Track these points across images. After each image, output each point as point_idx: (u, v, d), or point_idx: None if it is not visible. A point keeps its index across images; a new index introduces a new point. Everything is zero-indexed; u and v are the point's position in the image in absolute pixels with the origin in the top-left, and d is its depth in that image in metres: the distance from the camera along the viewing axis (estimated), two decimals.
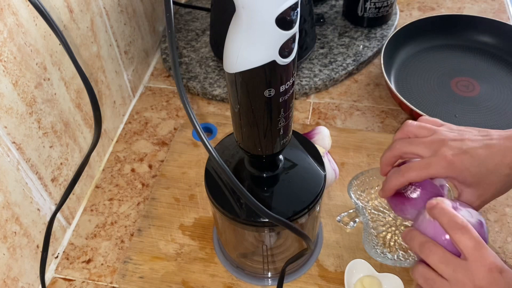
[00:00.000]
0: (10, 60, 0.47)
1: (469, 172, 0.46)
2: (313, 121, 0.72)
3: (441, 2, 0.90)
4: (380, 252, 0.55)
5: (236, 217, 0.44)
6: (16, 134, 0.49)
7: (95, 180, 0.67)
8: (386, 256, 0.54)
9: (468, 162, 0.45)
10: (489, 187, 0.46)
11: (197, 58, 0.80)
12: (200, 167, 0.67)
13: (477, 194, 0.47)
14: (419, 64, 0.78)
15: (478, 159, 0.45)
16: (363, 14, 0.81)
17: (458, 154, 0.46)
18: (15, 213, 0.51)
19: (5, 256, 0.50)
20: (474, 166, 0.45)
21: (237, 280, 0.56)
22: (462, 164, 0.46)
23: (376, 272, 0.53)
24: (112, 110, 0.70)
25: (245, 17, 0.32)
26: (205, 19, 0.88)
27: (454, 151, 0.46)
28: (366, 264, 0.54)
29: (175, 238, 0.60)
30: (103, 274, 0.58)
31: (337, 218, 0.58)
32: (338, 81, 0.77)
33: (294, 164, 0.47)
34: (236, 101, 0.38)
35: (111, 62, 0.69)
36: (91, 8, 0.62)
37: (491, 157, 0.45)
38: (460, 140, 0.47)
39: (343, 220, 0.58)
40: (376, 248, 0.55)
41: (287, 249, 0.53)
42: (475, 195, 0.47)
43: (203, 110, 0.75)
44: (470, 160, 0.45)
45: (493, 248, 0.57)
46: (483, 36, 0.79)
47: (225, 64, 0.35)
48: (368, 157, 0.66)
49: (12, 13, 0.47)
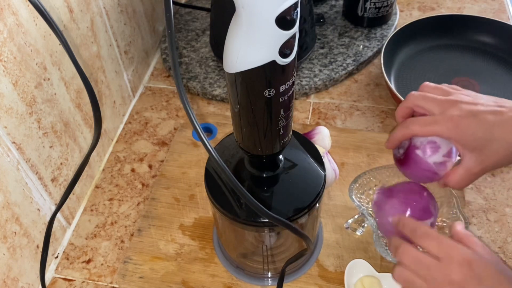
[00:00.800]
0: (10, 60, 0.47)
1: (474, 136, 0.45)
2: (313, 121, 0.72)
3: (441, 2, 0.90)
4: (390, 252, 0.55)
5: (236, 217, 0.44)
6: (16, 134, 0.49)
7: (95, 180, 0.67)
8: None
9: (474, 126, 0.45)
10: (492, 155, 0.45)
11: (197, 58, 0.80)
12: (200, 167, 0.67)
13: (479, 160, 0.46)
14: (419, 64, 0.78)
15: (485, 123, 0.45)
16: (363, 14, 0.81)
17: (466, 117, 0.45)
18: (15, 213, 0.51)
19: (5, 256, 0.50)
20: (480, 131, 0.45)
21: (237, 280, 0.56)
22: (468, 127, 0.45)
23: (376, 272, 0.53)
24: (112, 110, 0.70)
25: (245, 17, 0.32)
26: (205, 19, 0.88)
27: (462, 113, 0.45)
28: (366, 264, 0.54)
29: (175, 238, 0.60)
30: (103, 274, 0.58)
31: (345, 225, 0.58)
32: (338, 81, 0.77)
33: (294, 164, 0.47)
34: (236, 101, 0.38)
35: (111, 62, 0.69)
36: (91, 8, 0.62)
37: (499, 124, 0.44)
38: (472, 104, 0.46)
39: (351, 227, 0.58)
40: (386, 249, 0.55)
41: (287, 249, 0.53)
42: (477, 161, 0.46)
43: (203, 110, 0.75)
44: (477, 124, 0.45)
45: (493, 248, 0.57)
46: (483, 36, 0.79)
47: (225, 64, 0.35)
48: (368, 157, 0.66)
49: (12, 13, 0.47)
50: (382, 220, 0.52)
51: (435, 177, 0.49)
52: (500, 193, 0.62)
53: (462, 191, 0.61)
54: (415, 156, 0.49)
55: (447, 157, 0.48)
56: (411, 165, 0.49)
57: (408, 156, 0.49)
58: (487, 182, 0.63)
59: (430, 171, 0.48)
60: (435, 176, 0.49)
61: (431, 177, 0.49)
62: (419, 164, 0.49)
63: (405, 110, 0.50)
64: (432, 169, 0.48)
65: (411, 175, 0.51)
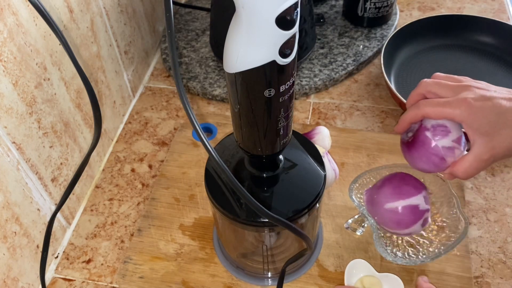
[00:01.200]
0: (10, 60, 0.47)
1: (487, 119, 0.44)
2: (313, 121, 0.72)
3: (441, 2, 0.90)
4: (391, 251, 0.55)
5: (236, 217, 0.44)
6: (16, 134, 0.49)
7: (95, 180, 0.67)
8: (397, 255, 0.54)
9: (488, 109, 0.44)
10: (503, 141, 0.45)
11: (197, 58, 0.80)
12: (200, 167, 0.67)
13: (490, 146, 0.45)
14: (419, 64, 0.78)
15: (499, 108, 0.44)
16: (363, 14, 0.81)
17: (480, 100, 0.45)
18: (15, 213, 0.51)
19: (5, 256, 0.50)
20: (493, 114, 0.44)
21: (237, 280, 0.56)
22: (482, 110, 0.44)
23: (376, 272, 0.53)
24: (112, 110, 0.70)
25: (245, 17, 0.32)
26: (205, 19, 0.88)
27: (476, 96, 0.45)
28: (366, 264, 0.54)
29: (175, 238, 0.60)
30: (103, 274, 0.58)
31: (345, 226, 0.58)
32: (338, 81, 0.77)
33: (294, 164, 0.47)
34: (236, 101, 0.38)
35: (111, 62, 0.69)
36: (91, 8, 0.62)
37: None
38: (486, 90, 0.46)
39: (351, 227, 0.58)
40: (386, 249, 0.55)
41: (287, 249, 0.53)
42: (487, 146, 0.45)
43: (203, 110, 0.75)
44: (490, 107, 0.44)
45: (493, 248, 0.57)
46: (483, 36, 0.79)
47: (225, 64, 0.35)
48: (368, 157, 0.66)
49: (12, 13, 0.47)
50: (379, 211, 0.53)
51: (442, 164, 0.48)
52: (500, 193, 0.62)
53: (462, 191, 0.61)
54: (424, 138, 0.48)
55: (456, 143, 0.47)
56: (418, 148, 0.48)
57: (417, 138, 0.48)
58: (487, 182, 0.63)
59: (437, 156, 0.47)
60: (442, 162, 0.48)
61: (438, 163, 0.48)
62: (427, 146, 0.48)
63: (417, 97, 0.50)
64: (440, 153, 0.47)
65: (417, 159, 0.49)
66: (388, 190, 0.53)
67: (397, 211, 0.51)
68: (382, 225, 0.54)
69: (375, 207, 0.53)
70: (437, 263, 0.55)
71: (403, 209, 0.51)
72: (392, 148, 0.66)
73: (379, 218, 0.53)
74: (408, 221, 0.51)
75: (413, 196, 0.51)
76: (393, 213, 0.52)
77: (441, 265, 0.55)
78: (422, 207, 0.51)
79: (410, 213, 0.51)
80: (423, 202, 0.52)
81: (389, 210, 0.52)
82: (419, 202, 0.51)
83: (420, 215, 0.51)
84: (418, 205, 0.51)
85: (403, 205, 0.51)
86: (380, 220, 0.53)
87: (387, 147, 0.66)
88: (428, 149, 0.48)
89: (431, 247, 0.55)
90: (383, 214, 0.52)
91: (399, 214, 0.51)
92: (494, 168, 0.64)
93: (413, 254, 0.55)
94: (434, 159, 0.48)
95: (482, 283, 0.54)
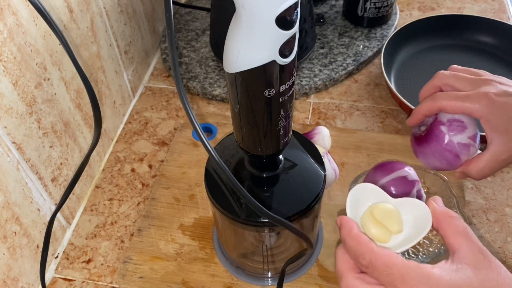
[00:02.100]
0: (10, 60, 0.47)
1: (508, 116, 0.41)
2: (313, 121, 0.72)
3: (441, 2, 0.90)
4: None
5: (236, 217, 0.44)
6: (16, 134, 0.49)
7: (95, 180, 0.67)
8: None
9: (510, 106, 0.41)
10: None
11: (197, 58, 0.80)
12: (200, 167, 0.67)
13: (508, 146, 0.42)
14: (419, 64, 0.78)
15: None
16: (363, 14, 0.81)
17: (502, 95, 0.42)
18: (15, 213, 0.51)
19: (5, 256, 0.50)
20: None
21: (237, 280, 0.56)
22: (503, 106, 0.41)
23: (391, 197, 0.40)
24: (112, 110, 0.70)
25: (245, 17, 0.32)
26: (205, 19, 0.88)
27: (498, 91, 0.42)
28: (375, 189, 0.40)
29: (175, 238, 0.60)
30: (103, 274, 0.58)
31: None
32: (338, 81, 0.77)
33: (294, 164, 0.47)
34: (236, 101, 0.38)
35: (111, 62, 0.69)
36: (91, 8, 0.62)
37: None
38: (507, 85, 0.43)
39: None
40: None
41: (287, 249, 0.53)
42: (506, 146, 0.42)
43: (203, 110, 0.75)
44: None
45: (493, 248, 0.57)
46: (483, 36, 0.79)
47: (225, 64, 0.35)
48: (368, 157, 0.66)
49: (12, 13, 0.47)
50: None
51: (455, 161, 0.46)
52: (500, 193, 0.62)
53: (462, 191, 0.61)
54: (439, 133, 0.46)
55: (472, 140, 0.45)
56: (432, 143, 0.46)
57: (431, 132, 0.46)
58: (487, 182, 0.63)
59: (452, 152, 0.46)
60: (456, 160, 0.46)
61: (451, 160, 0.46)
62: (441, 141, 0.46)
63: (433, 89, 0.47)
64: (455, 150, 0.45)
65: (429, 155, 0.48)
66: (375, 173, 0.53)
67: (388, 186, 0.51)
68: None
69: None
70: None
71: (393, 181, 0.51)
72: (392, 148, 0.66)
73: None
74: (402, 193, 0.51)
75: (398, 170, 0.51)
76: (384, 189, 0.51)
77: None
78: (410, 178, 0.51)
79: (400, 184, 0.51)
80: (410, 173, 0.51)
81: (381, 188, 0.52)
82: (406, 174, 0.51)
83: (410, 185, 0.51)
84: (406, 176, 0.51)
85: (392, 178, 0.51)
86: None
87: (387, 147, 0.66)
88: (442, 145, 0.46)
89: (431, 247, 0.55)
90: None
91: (390, 188, 0.51)
92: None
93: (413, 254, 0.55)
94: (447, 156, 0.46)
95: None
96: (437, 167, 0.49)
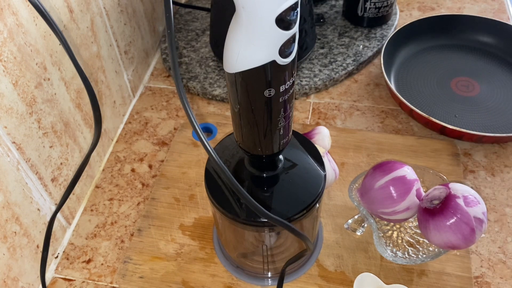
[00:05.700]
0: (10, 60, 0.47)
1: None
2: (313, 121, 0.72)
3: (441, 2, 0.90)
4: (391, 251, 0.55)
5: (236, 217, 0.44)
6: (16, 134, 0.49)
7: (95, 180, 0.67)
8: (397, 254, 0.54)
9: None
10: None
11: (197, 58, 0.80)
12: (200, 167, 0.67)
13: None
14: (419, 64, 0.78)
15: None
16: (363, 14, 0.81)
17: None
18: (15, 213, 0.51)
19: (5, 256, 0.50)
20: None
21: (237, 280, 0.56)
22: None
23: (384, 284, 0.52)
24: (112, 110, 0.70)
25: (245, 17, 0.32)
26: (205, 19, 0.88)
27: None
28: (373, 278, 0.52)
29: (175, 238, 0.60)
30: (103, 274, 0.58)
31: (345, 226, 0.58)
32: (338, 81, 0.77)
33: (294, 164, 0.47)
34: (236, 101, 0.38)
35: (111, 62, 0.69)
36: (91, 8, 0.62)
37: None
38: None
39: (351, 227, 0.58)
40: (386, 249, 0.55)
41: (287, 249, 0.53)
42: None
43: (203, 110, 0.75)
44: None
45: (493, 248, 0.57)
46: (483, 36, 0.79)
47: (225, 64, 0.35)
48: (368, 157, 0.66)
49: (12, 13, 0.47)
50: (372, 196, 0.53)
51: (470, 235, 0.48)
52: (500, 193, 0.62)
53: None
54: (456, 205, 0.47)
55: (485, 216, 0.47)
56: (448, 215, 0.48)
57: (447, 205, 0.48)
58: (487, 182, 0.63)
59: (468, 226, 0.47)
60: (471, 234, 0.47)
61: (466, 234, 0.48)
62: (459, 213, 0.47)
63: None
64: (471, 223, 0.47)
65: (444, 228, 0.49)
66: (374, 173, 0.54)
67: (388, 186, 0.52)
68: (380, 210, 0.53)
69: (368, 193, 0.54)
70: (437, 262, 0.55)
71: (392, 181, 0.52)
72: (392, 148, 0.66)
73: (375, 205, 0.53)
74: (401, 192, 0.52)
75: (397, 169, 0.53)
76: (384, 189, 0.52)
77: (441, 265, 0.55)
78: (409, 177, 0.52)
79: (400, 183, 0.52)
80: (409, 173, 0.52)
81: (380, 188, 0.53)
82: (404, 173, 0.52)
83: (410, 184, 0.52)
84: (405, 175, 0.52)
85: (391, 178, 0.52)
86: (376, 206, 0.53)
87: (387, 147, 0.66)
88: (459, 217, 0.47)
89: (431, 247, 0.55)
90: (376, 196, 0.53)
91: (389, 188, 0.52)
92: (494, 168, 0.64)
93: (413, 253, 0.55)
94: (464, 229, 0.47)
95: (482, 283, 0.55)
96: (448, 242, 0.49)
